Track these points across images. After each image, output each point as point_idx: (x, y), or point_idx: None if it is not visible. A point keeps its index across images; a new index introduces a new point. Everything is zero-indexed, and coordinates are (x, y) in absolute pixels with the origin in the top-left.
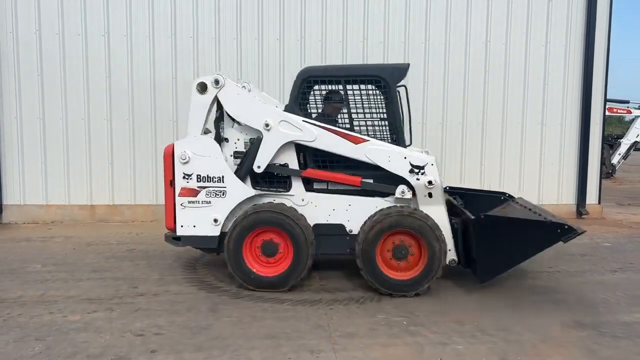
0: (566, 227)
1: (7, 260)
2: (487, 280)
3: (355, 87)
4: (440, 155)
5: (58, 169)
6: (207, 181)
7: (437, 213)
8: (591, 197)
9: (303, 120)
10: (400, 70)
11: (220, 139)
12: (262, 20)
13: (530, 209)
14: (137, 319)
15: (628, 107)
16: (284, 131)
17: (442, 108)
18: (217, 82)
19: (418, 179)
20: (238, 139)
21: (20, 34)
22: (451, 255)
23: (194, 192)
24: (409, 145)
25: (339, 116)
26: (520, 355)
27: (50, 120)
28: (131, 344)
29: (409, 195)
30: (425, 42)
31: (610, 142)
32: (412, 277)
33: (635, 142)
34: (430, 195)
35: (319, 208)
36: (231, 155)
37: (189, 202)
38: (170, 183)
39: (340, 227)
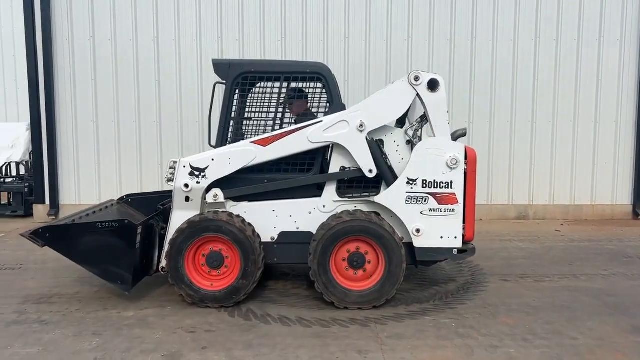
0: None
1: (65, 257)
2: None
3: None
4: (488, 154)
5: (110, 170)
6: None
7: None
8: None
9: None
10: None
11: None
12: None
13: None
14: (188, 316)
15: None
16: None
17: (489, 104)
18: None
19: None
20: None
21: (75, 39)
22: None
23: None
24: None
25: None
26: None
27: (103, 123)
28: (183, 341)
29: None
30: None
31: None
32: None
33: None
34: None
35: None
36: None
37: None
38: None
39: None
